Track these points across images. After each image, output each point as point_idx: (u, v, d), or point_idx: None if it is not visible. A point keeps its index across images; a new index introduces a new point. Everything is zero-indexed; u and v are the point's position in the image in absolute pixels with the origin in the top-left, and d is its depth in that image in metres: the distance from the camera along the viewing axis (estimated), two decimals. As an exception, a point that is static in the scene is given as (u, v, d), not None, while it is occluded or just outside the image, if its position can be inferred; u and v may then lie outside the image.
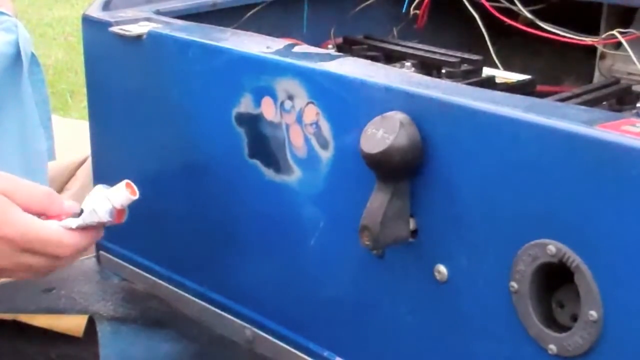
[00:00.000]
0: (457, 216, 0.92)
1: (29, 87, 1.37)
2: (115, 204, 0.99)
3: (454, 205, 0.92)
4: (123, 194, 0.99)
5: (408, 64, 1.25)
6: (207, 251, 1.23)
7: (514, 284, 0.88)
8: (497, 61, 1.27)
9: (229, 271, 1.20)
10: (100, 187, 1.01)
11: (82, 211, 0.98)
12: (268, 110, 1.08)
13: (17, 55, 1.33)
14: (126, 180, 1.00)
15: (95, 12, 1.30)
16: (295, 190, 1.07)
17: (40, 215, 0.97)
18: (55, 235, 0.96)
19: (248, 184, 1.13)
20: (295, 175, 1.07)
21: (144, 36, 1.21)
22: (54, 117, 1.54)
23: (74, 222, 0.97)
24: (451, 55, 1.22)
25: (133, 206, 1.09)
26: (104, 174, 1.37)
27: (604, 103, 1.13)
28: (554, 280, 0.87)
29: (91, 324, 1.24)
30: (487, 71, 1.22)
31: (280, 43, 1.13)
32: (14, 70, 1.33)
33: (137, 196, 0.99)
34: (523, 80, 1.21)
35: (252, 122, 1.10)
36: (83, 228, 0.98)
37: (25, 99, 1.36)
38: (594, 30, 1.29)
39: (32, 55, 1.37)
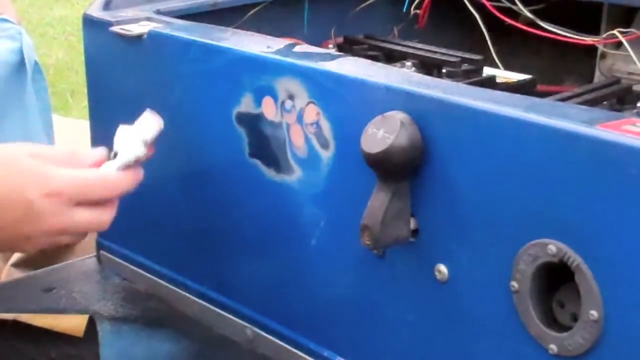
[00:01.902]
0: (457, 216, 0.92)
1: (33, 95, 1.37)
2: (145, 136, 0.99)
3: (455, 204, 0.92)
4: (150, 124, 1.00)
5: (409, 63, 1.25)
6: (207, 251, 1.23)
7: (514, 284, 0.88)
8: (497, 61, 1.27)
9: (229, 271, 1.20)
10: (124, 127, 1.00)
11: (115, 154, 0.98)
12: (268, 109, 1.08)
13: (20, 63, 1.33)
14: (148, 110, 1.00)
15: (96, 12, 1.30)
16: (295, 189, 1.07)
17: None
18: (100, 179, 0.95)
19: (248, 183, 1.13)
20: (295, 175, 1.07)
21: (145, 36, 1.21)
22: (54, 117, 1.54)
23: (113, 165, 0.97)
24: (452, 55, 1.22)
25: (134, 206, 1.09)
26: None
27: (605, 103, 1.13)
28: (555, 279, 0.87)
29: (91, 324, 1.24)
30: (487, 71, 1.22)
31: (280, 43, 1.13)
32: (17, 77, 1.33)
33: (162, 125, 1.00)
34: (523, 80, 1.21)
35: (253, 122, 1.10)
36: (122, 169, 0.97)
37: (29, 106, 1.36)
38: (594, 30, 1.29)
39: (35, 63, 1.37)
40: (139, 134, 1.00)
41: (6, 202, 0.92)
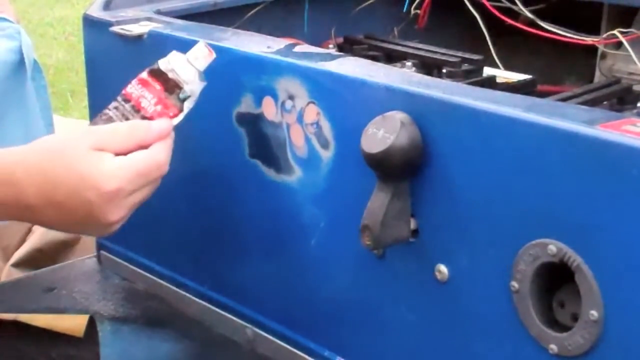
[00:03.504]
0: (457, 216, 0.92)
1: (33, 93, 1.37)
2: (202, 67, 1.00)
3: (455, 205, 0.92)
4: (207, 55, 1.00)
5: (409, 63, 1.25)
6: (207, 251, 1.23)
7: (514, 284, 0.88)
8: (497, 61, 1.27)
9: (229, 271, 1.20)
10: (178, 58, 1.00)
11: (185, 93, 0.99)
12: (269, 110, 1.08)
13: (20, 62, 1.33)
14: (202, 41, 1.01)
15: (96, 12, 1.30)
16: (295, 190, 1.07)
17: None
18: (152, 163, 0.97)
19: (248, 183, 1.13)
20: (295, 175, 1.07)
21: (145, 36, 1.21)
22: (54, 117, 1.54)
23: (190, 104, 0.98)
24: (452, 55, 1.22)
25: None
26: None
27: (605, 103, 1.13)
28: (555, 280, 0.87)
29: (92, 324, 1.24)
30: (487, 71, 1.22)
31: (281, 43, 1.13)
32: (17, 77, 1.33)
33: (214, 55, 1.01)
34: (524, 80, 1.21)
35: (253, 122, 1.10)
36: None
37: (29, 105, 1.36)
38: (594, 30, 1.29)
39: (35, 61, 1.37)
40: (197, 66, 1.00)
41: (68, 203, 0.95)
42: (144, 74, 1.02)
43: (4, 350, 1.23)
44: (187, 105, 1.01)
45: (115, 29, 1.24)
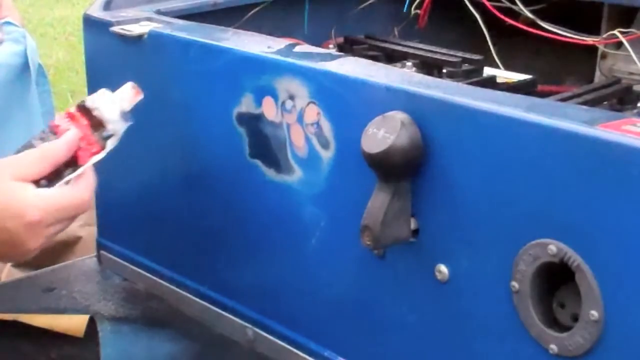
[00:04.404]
0: (458, 216, 0.92)
1: (37, 98, 1.37)
2: (129, 108, 1.03)
3: (455, 205, 0.92)
4: (132, 96, 1.03)
5: (409, 63, 1.25)
6: (208, 251, 1.23)
7: (515, 284, 0.88)
8: (498, 61, 1.27)
9: (230, 271, 1.20)
10: (106, 98, 1.03)
11: (110, 136, 1.02)
12: (269, 110, 1.08)
13: (25, 66, 1.33)
14: (129, 83, 1.04)
15: (96, 12, 1.30)
16: (296, 190, 1.07)
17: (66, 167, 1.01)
18: (73, 199, 1.00)
19: (249, 183, 1.13)
20: (296, 175, 1.07)
21: (145, 36, 1.21)
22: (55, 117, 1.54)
23: (112, 144, 1.01)
24: (452, 55, 1.22)
25: (134, 206, 1.09)
26: (104, 174, 1.36)
27: (605, 103, 1.13)
28: (555, 280, 0.87)
29: (92, 324, 1.24)
30: (488, 71, 1.22)
31: (281, 43, 1.13)
32: (22, 80, 1.33)
33: (141, 95, 1.03)
34: (524, 80, 1.21)
35: (253, 122, 1.10)
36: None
37: (33, 109, 1.37)
38: (595, 30, 1.29)
39: (39, 65, 1.37)
40: (123, 106, 1.02)
41: None
42: (73, 108, 1.04)
43: (4, 350, 1.23)
44: (110, 143, 1.03)
45: (116, 29, 1.24)
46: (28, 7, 5.53)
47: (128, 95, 1.03)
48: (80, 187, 1.02)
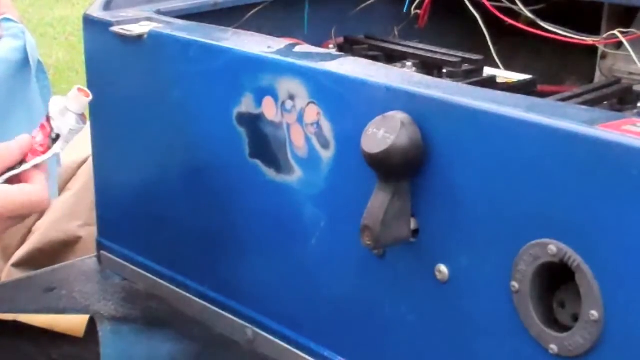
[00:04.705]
0: (458, 216, 0.92)
1: (37, 93, 1.37)
2: (79, 111, 1.05)
3: (455, 205, 0.92)
4: (81, 99, 1.05)
5: (409, 63, 1.25)
6: (208, 251, 1.23)
7: (515, 284, 0.88)
8: (498, 61, 1.27)
9: (230, 271, 1.20)
10: (55, 103, 1.05)
11: (57, 136, 1.04)
12: (269, 110, 1.08)
13: (25, 62, 1.33)
14: (76, 87, 1.06)
15: (96, 12, 1.30)
16: (296, 190, 1.07)
17: (10, 169, 1.03)
18: (26, 198, 1.01)
19: (249, 183, 1.13)
20: (296, 175, 1.07)
21: (145, 36, 1.21)
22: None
23: (58, 147, 1.04)
24: (452, 55, 1.22)
25: (134, 206, 1.09)
26: (104, 173, 1.37)
27: (605, 103, 1.13)
28: (555, 280, 0.87)
29: (92, 324, 1.24)
30: (488, 71, 1.22)
31: (281, 43, 1.13)
32: (22, 76, 1.33)
33: (90, 97, 1.06)
34: (524, 80, 1.21)
35: (253, 122, 1.10)
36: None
37: (34, 105, 1.36)
38: (595, 30, 1.29)
39: (39, 62, 1.37)
40: (74, 110, 1.05)
41: None
42: (44, 118, 1.07)
43: (4, 350, 1.23)
44: (57, 146, 1.05)
45: (116, 29, 1.24)
46: (28, 7, 5.53)
47: (74, 96, 1.05)
48: (37, 187, 1.03)
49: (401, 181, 0.93)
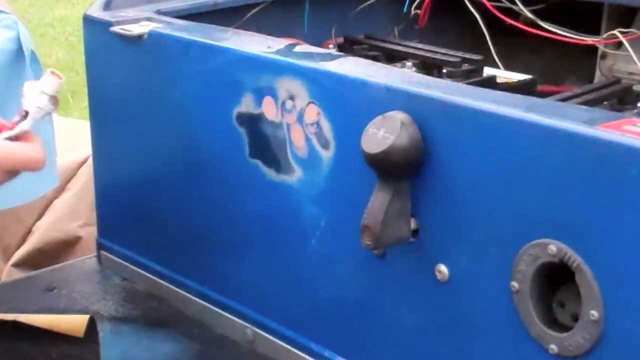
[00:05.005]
0: (458, 216, 0.92)
1: None
2: (50, 92, 1.05)
3: (455, 205, 0.92)
4: (53, 81, 1.06)
5: (409, 63, 1.25)
6: (208, 251, 1.23)
7: (515, 284, 0.88)
8: (498, 61, 1.27)
9: (229, 271, 1.20)
10: (29, 85, 1.07)
11: (27, 113, 1.05)
12: (269, 110, 1.08)
13: (18, 52, 1.33)
14: (49, 70, 1.07)
15: (96, 12, 1.30)
16: (296, 189, 1.07)
17: None
18: (26, 151, 1.02)
19: (249, 183, 1.13)
20: (296, 175, 1.07)
21: (145, 36, 1.21)
22: (55, 117, 1.54)
23: (26, 124, 1.03)
24: (452, 55, 1.22)
25: (134, 206, 1.09)
26: (104, 174, 1.37)
27: (605, 103, 1.13)
28: (555, 280, 0.87)
29: (92, 324, 1.24)
30: (488, 71, 1.22)
31: (281, 43, 1.13)
32: (17, 66, 1.33)
33: (62, 79, 1.06)
34: (524, 80, 1.21)
35: (253, 122, 1.10)
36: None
37: None
38: (595, 30, 1.29)
39: (32, 52, 1.37)
40: (46, 91, 1.06)
41: None
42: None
43: (4, 350, 1.23)
44: (25, 123, 1.05)
45: (116, 29, 1.24)
46: (28, 7, 5.53)
47: (47, 78, 1.06)
48: (35, 146, 1.03)
49: (401, 181, 0.93)
